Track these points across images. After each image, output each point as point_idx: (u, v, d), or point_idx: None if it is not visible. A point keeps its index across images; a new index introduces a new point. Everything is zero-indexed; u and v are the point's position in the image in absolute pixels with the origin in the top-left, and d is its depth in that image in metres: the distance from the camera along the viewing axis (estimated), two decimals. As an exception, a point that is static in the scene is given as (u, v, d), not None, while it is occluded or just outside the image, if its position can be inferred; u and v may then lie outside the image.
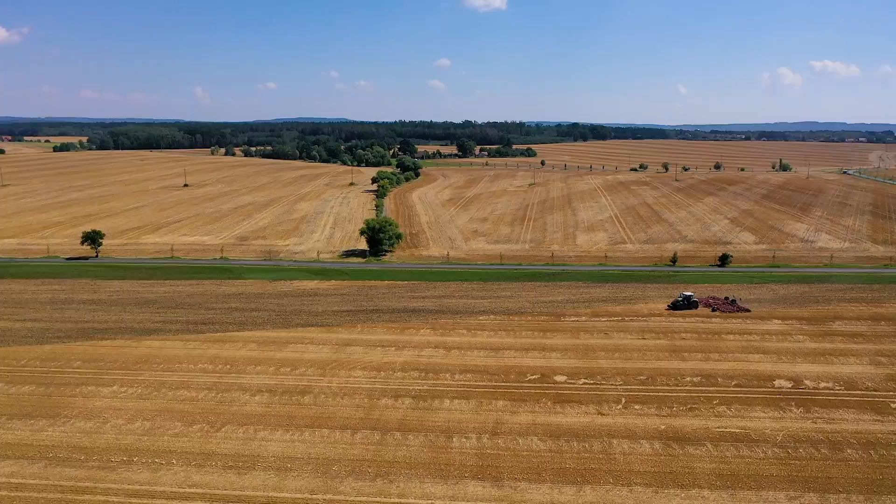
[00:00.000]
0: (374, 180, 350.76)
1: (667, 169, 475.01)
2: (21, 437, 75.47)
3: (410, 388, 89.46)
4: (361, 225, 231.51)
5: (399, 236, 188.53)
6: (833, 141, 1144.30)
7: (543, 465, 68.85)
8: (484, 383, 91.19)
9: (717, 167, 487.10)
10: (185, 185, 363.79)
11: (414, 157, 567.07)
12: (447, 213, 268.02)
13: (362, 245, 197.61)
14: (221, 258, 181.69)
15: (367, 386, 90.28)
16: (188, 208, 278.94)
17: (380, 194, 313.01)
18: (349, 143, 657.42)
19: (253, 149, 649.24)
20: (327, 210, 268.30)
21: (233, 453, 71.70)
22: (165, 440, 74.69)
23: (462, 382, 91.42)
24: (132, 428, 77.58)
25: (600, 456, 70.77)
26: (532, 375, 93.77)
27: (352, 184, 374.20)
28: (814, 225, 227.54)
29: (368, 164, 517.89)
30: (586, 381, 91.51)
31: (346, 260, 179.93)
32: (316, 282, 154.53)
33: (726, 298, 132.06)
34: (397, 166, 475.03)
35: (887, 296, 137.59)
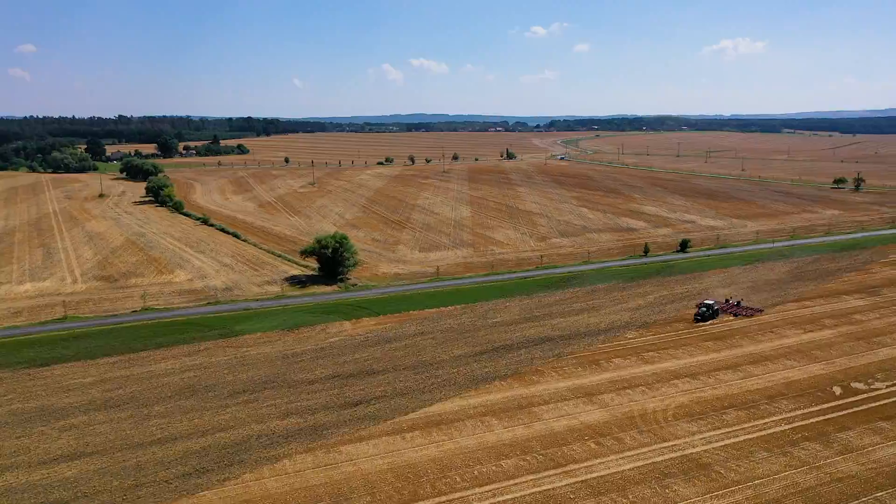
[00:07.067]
0: (148, 190, 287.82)
1: (413, 161, 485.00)
2: None
3: (791, 426, 76.64)
4: (232, 245, 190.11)
5: (355, 253, 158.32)
6: (476, 131, 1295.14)
7: None
8: (826, 405, 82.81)
9: (455, 158, 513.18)
10: None
11: (107, 160, 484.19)
12: (290, 222, 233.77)
13: (282, 267, 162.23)
14: (144, 308, 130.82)
15: (746, 436, 74.69)
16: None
17: (175, 206, 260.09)
18: (14, 145, 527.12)
19: None
20: (146, 232, 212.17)
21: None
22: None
23: (808, 411, 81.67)
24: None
25: None
26: (835, 389, 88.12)
27: (101, 195, 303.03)
28: (660, 206, 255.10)
29: (70, 171, 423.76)
30: (889, 384, 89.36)
31: (311, 290, 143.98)
32: (350, 322, 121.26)
33: (727, 301, 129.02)
34: (122, 171, 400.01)
35: (864, 260, 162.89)
